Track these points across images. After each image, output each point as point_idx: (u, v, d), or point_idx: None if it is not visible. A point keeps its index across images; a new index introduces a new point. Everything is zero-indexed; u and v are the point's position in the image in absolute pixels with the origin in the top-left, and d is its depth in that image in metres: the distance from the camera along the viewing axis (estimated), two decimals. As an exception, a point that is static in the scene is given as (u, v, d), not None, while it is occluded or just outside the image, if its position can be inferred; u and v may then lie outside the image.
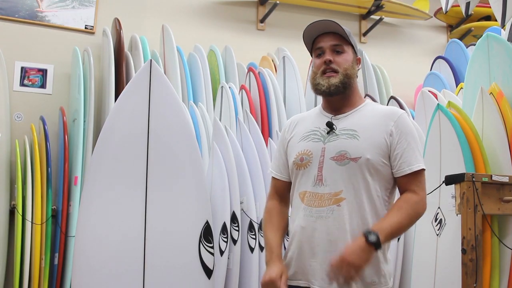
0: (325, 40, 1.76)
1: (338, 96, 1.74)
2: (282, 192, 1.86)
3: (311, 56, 1.83)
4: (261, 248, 2.94)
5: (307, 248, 1.69)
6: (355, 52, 1.80)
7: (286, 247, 1.82)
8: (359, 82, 4.23)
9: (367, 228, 1.58)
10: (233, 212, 2.89)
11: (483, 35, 2.67)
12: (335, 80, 1.71)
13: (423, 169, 1.70)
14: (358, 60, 1.81)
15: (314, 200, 1.69)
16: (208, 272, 2.60)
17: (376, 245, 1.54)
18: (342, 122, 1.73)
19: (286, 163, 1.83)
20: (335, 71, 1.72)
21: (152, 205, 2.56)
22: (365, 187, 1.66)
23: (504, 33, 2.75)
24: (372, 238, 1.54)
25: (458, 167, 2.35)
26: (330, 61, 1.72)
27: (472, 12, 3.88)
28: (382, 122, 1.70)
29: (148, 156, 2.58)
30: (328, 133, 1.72)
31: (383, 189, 1.69)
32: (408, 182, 1.69)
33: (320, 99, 1.84)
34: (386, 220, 1.61)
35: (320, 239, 1.66)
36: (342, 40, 1.76)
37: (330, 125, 1.72)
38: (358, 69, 1.82)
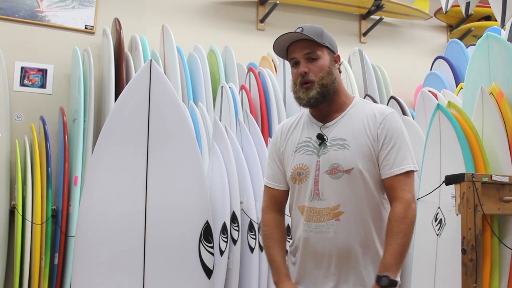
0: (297, 49, 1.73)
1: (322, 105, 1.72)
2: (279, 202, 1.83)
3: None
4: (261, 248, 2.93)
5: (311, 260, 1.71)
6: (332, 50, 1.75)
7: (289, 251, 1.82)
8: (359, 82, 4.23)
9: (377, 274, 1.59)
10: (233, 212, 2.89)
11: (483, 35, 2.67)
12: (312, 92, 1.69)
13: (410, 171, 1.65)
14: (336, 58, 1.76)
15: (312, 215, 1.68)
16: (208, 272, 2.60)
17: (392, 286, 1.56)
18: (332, 131, 1.71)
19: (282, 172, 1.81)
20: (312, 81, 1.70)
21: (152, 205, 2.56)
22: (363, 197, 1.65)
23: (504, 33, 2.75)
24: (384, 282, 1.55)
25: (458, 167, 2.35)
26: (305, 73, 1.70)
27: (472, 12, 3.87)
28: (368, 125, 1.68)
29: (148, 156, 2.58)
30: (320, 144, 1.70)
31: (380, 193, 1.69)
32: (392, 185, 1.65)
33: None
34: (387, 252, 1.60)
35: (323, 254, 1.68)
36: (314, 45, 1.71)
37: (320, 137, 1.71)
38: (340, 63, 1.78)
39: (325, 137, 1.70)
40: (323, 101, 1.71)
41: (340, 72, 1.80)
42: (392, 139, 1.66)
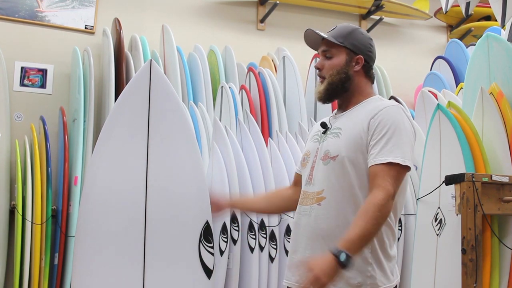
0: (320, 45, 1.82)
1: (338, 99, 1.80)
2: (296, 182, 1.93)
3: None
4: (261, 248, 2.94)
5: (292, 244, 1.77)
6: (353, 51, 1.77)
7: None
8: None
9: (336, 246, 1.50)
10: (233, 212, 2.89)
11: (483, 35, 2.67)
12: (321, 87, 1.78)
13: (395, 163, 1.58)
14: (359, 59, 1.77)
15: (303, 198, 1.75)
16: (208, 272, 2.60)
17: (346, 265, 1.49)
18: (337, 121, 1.77)
19: None
20: (323, 78, 1.78)
21: (152, 205, 2.56)
22: (346, 185, 1.65)
23: (504, 33, 2.75)
24: (343, 258, 1.48)
25: (458, 167, 2.35)
26: (318, 68, 1.80)
27: (472, 12, 3.87)
28: (365, 116, 1.68)
29: (148, 156, 2.58)
30: (323, 133, 1.78)
31: (366, 185, 1.65)
32: (375, 174, 1.60)
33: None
34: (353, 231, 1.54)
35: (302, 236, 1.72)
36: (332, 44, 1.77)
37: (324, 125, 1.79)
38: (361, 67, 1.78)
39: (328, 126, 1.77)
40: (329, 97, 1.78)
41: (369, 75, 1.81)
42: (383, 130, 1.63)
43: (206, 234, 2.62)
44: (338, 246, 1.50)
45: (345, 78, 1.75)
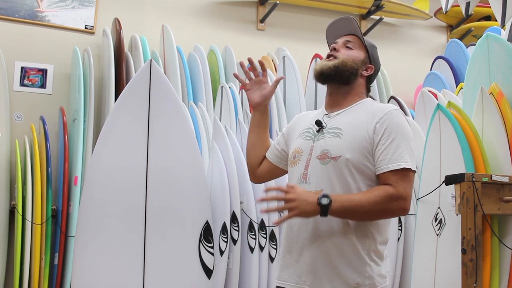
0: (343, 38, 1.85)
1: (334, 92, 1.79)
2: (262, 168, 1.94)
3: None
4: (261, 248, 2.94)
5: (286, 244, 1.73)
6: (369, 58, 1.83)
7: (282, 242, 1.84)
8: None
9: (325, 193, 1.56)
10: (233, 212, 2.89)
11: (483, 35, 2.67)
12: (330, 63, 1.77)
13: (407, 169, 1.61)
14: (368, 68, 1.82)
15: None
16: (208, 272, 2.60)
17: (323, 211, 1.53)
18: (333, 120, 1.74)
19: (275, 148, 1.92)
20: (336, 58, 1.78)
21: (152, 206, 2.56)
22: (345, 187, 1.64)
23: (504, 33, 2.75)
24: (324, 201, 1.53)
25: (458, 167, 2.35)
26: (335, 49, 1.80)
27: (472, 12, 3.88)
28: (368, 119, 1.68)
29: (148, 156, 2.58)
30: (318, 131, 1.74)
31: (367, 188, 1.65)
32: (385, 180, 1.62)
33: (319, 99, 1.86)
34: (352, 195, 1.59)
35: (298, 236, 1.68)
36: (358, 42, 1.82)
37: (319, 123, 1.75)
38: (368, 74, 1.82)
39: (323, 124, 1.74)
40: (333, 77, 1.76)
41: (368, 85, 1.86)
42: (391, 135, 1.64)
43: (206, 234, 2.62)
44: (329, 194, 1.56)
45: (355, 72, 1.78)
